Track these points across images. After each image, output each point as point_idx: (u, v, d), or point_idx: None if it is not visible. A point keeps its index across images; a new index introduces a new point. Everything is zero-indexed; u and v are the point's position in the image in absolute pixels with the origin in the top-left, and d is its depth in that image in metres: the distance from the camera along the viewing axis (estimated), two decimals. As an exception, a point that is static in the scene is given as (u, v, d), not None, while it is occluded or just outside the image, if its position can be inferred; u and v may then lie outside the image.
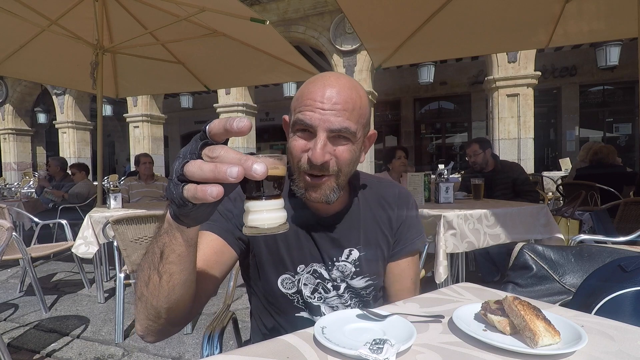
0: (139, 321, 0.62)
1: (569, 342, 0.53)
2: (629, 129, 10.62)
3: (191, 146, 0.46)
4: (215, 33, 3.28)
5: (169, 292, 0.57)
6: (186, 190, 0.44)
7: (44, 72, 4.29)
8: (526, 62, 7.03)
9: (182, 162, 0.45)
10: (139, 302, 0.60)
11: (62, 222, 3.28)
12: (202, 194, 0.42)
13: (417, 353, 0.53)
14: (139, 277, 0.60)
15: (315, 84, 0.73)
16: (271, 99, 11.55)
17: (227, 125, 0.43)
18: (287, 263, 0.83)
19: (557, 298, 0.98)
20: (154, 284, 0.57)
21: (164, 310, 0.59)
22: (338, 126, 0.70)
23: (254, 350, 0.54)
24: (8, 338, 2.27)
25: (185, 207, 0.46)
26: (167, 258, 0.55)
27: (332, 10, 7.80)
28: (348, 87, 0.73)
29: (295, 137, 0.74)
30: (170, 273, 0.56)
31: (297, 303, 0.85)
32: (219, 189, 0.42)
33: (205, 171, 0.43)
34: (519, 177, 3.10)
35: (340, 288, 0.86)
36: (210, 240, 0.76)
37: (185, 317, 0.66)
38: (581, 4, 2.82)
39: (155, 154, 9.76)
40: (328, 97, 0.71)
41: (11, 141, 11.90)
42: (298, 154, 0.73)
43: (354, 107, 0.72)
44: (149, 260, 0.57)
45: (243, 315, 2.43)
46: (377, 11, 2.80)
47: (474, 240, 2.04)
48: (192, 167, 0.43)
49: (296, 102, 0.75)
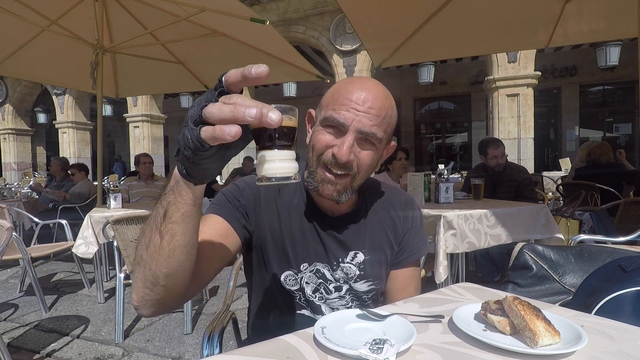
0: (136, 290, 0.61)
1: (569, 342, 0.53)
2: (629, 129, 10.62)
3: (206, 95, 0.46)
4: (215, 33, 3.28)
5: (169, 254, 0.56)
6: (204, 132, 0.44)
7: (44, 72, 4.30)
8: (526, 62, 7.04)
9: (199, 107, 0.45)
10: (138, 267, 0.60)
11: (62, 222, 3.28)
12: (221, 132, 0.42)
13: (417, 353, 0.53)
14: (139, 242, 0.59)
15: (353, 84, 0.75)
16: (271, 99, 11.56)
17: (245, 72, 0.44)
18: (291, 260, 0.84)
19: (557, 298, 0.98)
20: (155, 245, 0.56)
21: (163, 275, 0.58)
22: (367, 130, 0.72)
23: (254, 350, 0.54)
24: (8, 338, 2.27)
25: (201, 149, 0.46)
26: (171, 217, 0.54)
27: (332, 10, 7.80)
28: (384, 95, 0.76)
29: (323, 131, 0.75)
30: (172, 233, 0.55)
31: (300, 300, 0.85)
32: (237, 128, 0.42)
33: (224, 111, 0.43)
34: (524, 180, 3.10)
35: (342, 289, 0.86)
36: (216, 223, 0.77)
37: (183, 292, 0.64)
38: (581, 4, 2.82)
39: (155, 154, 9.77)
40: (364, 99, 0.73)
41: (11, 141, 11.90)
42: (322, 148, 0.75)
43: (385, 115, 0.75)
44: (151, 222, 0.57)
45: (243, 315, 2.43)
46: (377, 11, 2.80)
47: (474, 240, 2.04)
48: (211, 108, 0.44)
49: (330, 99, 0.76)
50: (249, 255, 0.88)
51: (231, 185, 0.85)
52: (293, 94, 9.29)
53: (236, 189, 0.83)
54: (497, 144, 3.11)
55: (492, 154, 3.07)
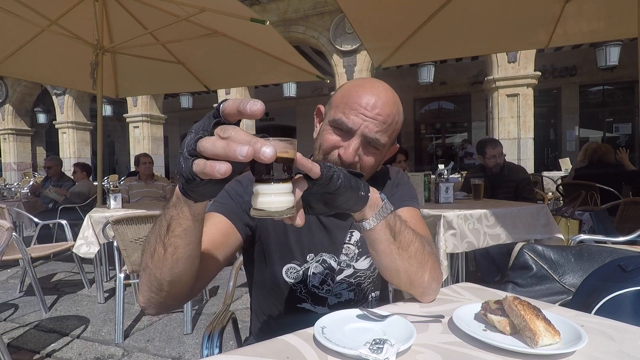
0: (142, 292, 0.64)
1: (569, 342, 0.54)
2: (629, 129, 10.62)
3: (204, 123, 0.47)
4: (215, 33, 3.28)
5: (172, 265, 0.59)
6: (195, 165, 0.45)
7: (44, 72, 4.29)
8: (526, 62, 7.03)
9: (195, 138, 0.46)
10: (144, 273, 0.62)
11: (62, 222, 3.28)
12: (211, 169, 0.43)
13: (417, 353, 0.53)
14: (145, 248, 0.61)
15: (364, 88, 0.78)
16: (271, 99, 11.53)
17: (240, 107, 0.44)
18: (295, 252, 0.85)
19: (557, 298, 0.98)
20: (159, 255, 0.58)
21: (167, 282, 0.61)
22: (373, 136, 0.76)
23: (254, 350, 0.54)
24: (8, 338, 2.27)
25: (192, 181, 0.47)
26: (174, 231, 0.56)
27: (332, 10, 7.80)
28: (392, 101, 0.79)
29: (331, 132, 0.79)
30: (175, 246, 0.57)
31: (300, 293, 0.86)
32: (227, 166, 0.43)
33: (217, 147, 0.43)
34: (522, 181, 3.11)
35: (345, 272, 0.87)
36: (218, 222, 0.78)
37: (187, 293, 0.67)
38: (581, 4, 2.81)
39: (155, 154, 9.76)
40: (373, 105, 0.76)
41: (11, 141, 11.89)
42: (329, 148, 0.78)
43: (392, 122, 0.78)
44: (156, 232, 0.59)
45: (243, 315, 2.43)
46: (377, 11, 2.80)
47: (473, 240, 2.04)
48: (205, 143, 0.44)
49: (340, 101, 0.79)
50: (250, 249, 0.88)
51: (234, 181, 0.86)
52: (293, 94, 9.29)
53: (239, 185, 0.84)
54: (495, 144, 3.12)
55: (491, 154, 3.08)
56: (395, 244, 0.66)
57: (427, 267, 0.70)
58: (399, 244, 0.66)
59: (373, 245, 0.67)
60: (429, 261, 0.71)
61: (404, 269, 0.68)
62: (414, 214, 0.89)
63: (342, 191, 0.58)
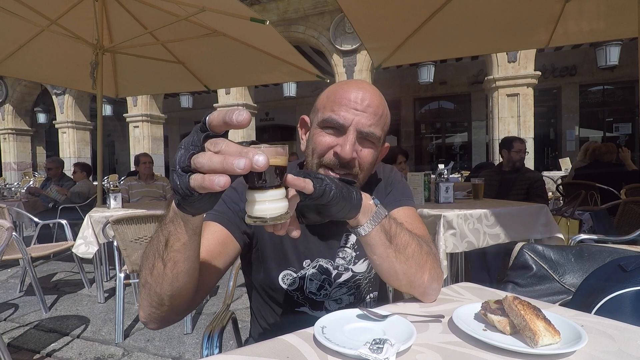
0: (142, 308, 0.64)
1: (569, 341, 0.53)
2: (629, 128, 10.62)
3: (193, 138, 0.47)
4: (215, 33, 3.28)
5: (172, 280, 0.59)
6: (193, 180, 0.45)
7: (44, 72, 4.29)
8: (526, 62, 7.04)
9: (187, 154, 0.46)
10: (143, 289, 0.62)
11: (62, 222, 3.28)
12: (210, 183, 0.43)
13: (417, 353, 0.53)
14: (143, 264, 0.61)
15: (349, 85, 0.77)
16: (271, 99, 11.54)
17: (226, 118, 0.44)
18: (291, 258, 0.84)
19: (557, 298, 0.98)
20: (159, 271, 0.58)
21: (167, 297, 0.61)
22: (367, 130, 0.75)
23: (254, 350, 0.54)
24: (8, 338, 2.27)
25: (190, 197, 0.46)
26: (172, 246, 0.56)
27: (332, 10, 7.80)
28: (378, 95, 0.78)
29: (322, 134, 0.76)
30: (175, 261, 0.57)
31: (297, 299, 0.86)
32: (226, 179, 0.43)
33: (214, 162, 0.44)
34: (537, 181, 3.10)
35: (343, 277, 0.86)
36: (215, 231, 0.77)
37: (187, 306, 0.67)
38: (581, 3, 2.81)
39: (155, 153, 9.76)
40: (362, 98, 0.75)
41: (11, 141, 11.90)
42: (324, 149, 0.75)
43: (382, 114, 0.77)
44: (154, 248, 0.58)
45: (243, 315, 2.43)
46: (377, 11, 2.80)
47: (473, 240, 2.04)
48: (201, 159, 0.44)
49: (326, 101, 0.78)
50: (247, 254, 0.88)
51: (230, 189, 0.85)
52: (293, 94, 9.30)
53: (234, 193, 0.82)
54: (522, 140, 3.17)
55: (518, 147, 3.09)
56: (392, 248, 0.66)
57: (427, 267, 0.70)
58: (396, 247, 0.66)
59: (370, 250, 0.67)
60: (428, 261, 0.71)
61: (402, 271, 0.68)
62: (410, 213, 0.87)
63: (335, 202, 0.58)
